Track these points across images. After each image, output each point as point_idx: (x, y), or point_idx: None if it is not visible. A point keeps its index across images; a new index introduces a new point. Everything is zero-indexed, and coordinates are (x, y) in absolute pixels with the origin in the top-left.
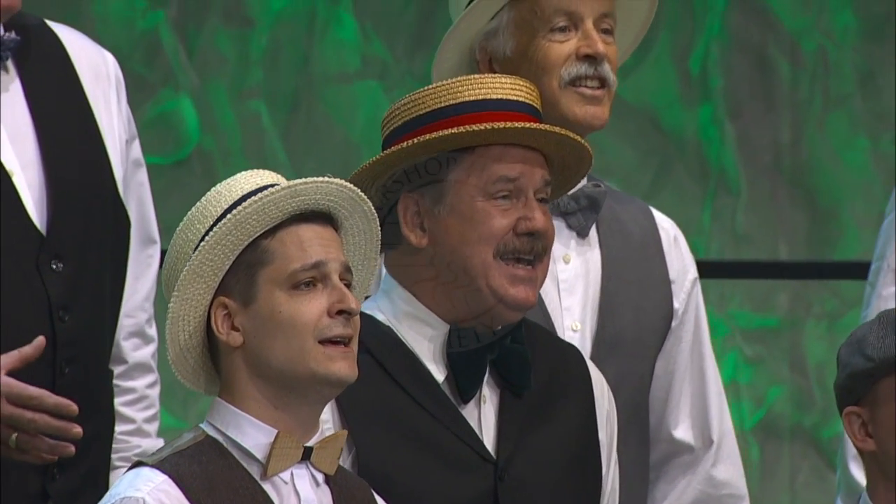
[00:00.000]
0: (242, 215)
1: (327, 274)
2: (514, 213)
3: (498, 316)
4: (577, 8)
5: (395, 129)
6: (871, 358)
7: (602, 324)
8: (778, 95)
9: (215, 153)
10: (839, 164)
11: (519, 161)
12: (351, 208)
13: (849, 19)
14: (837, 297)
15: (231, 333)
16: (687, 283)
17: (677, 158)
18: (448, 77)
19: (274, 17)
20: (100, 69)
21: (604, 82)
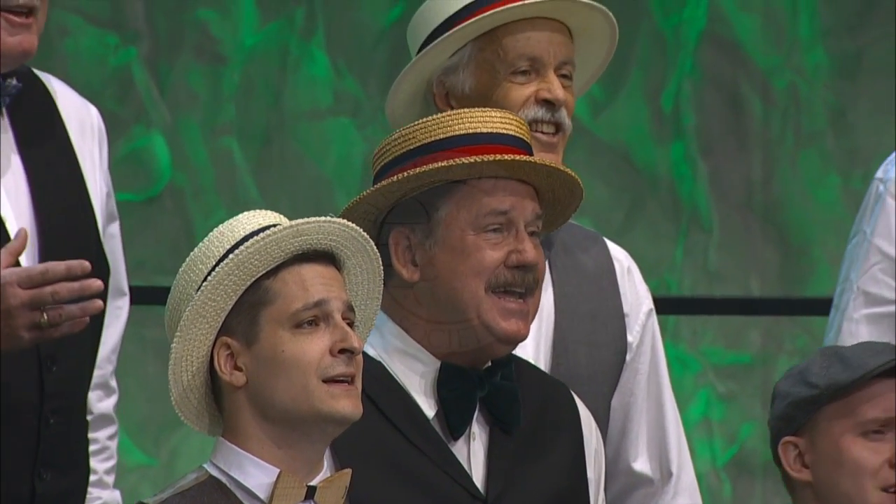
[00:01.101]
0: (244, 255)
1: (329, 313)
2: (505, 246)
3: (489, 350)
4: (540, 54)
5: (386, 164)
6: (815, 385)
7: (556, 361)
8: (750, 133)
9: (187, 190)
10: (811, 201)
11: (510, 194)
12: (353, 248)
13: (820, 57)
14: (809, 333)
15: (234, 373)
16: (641, 315)
17: (650, 195)
18: (401, 111)
19: (246, 53)
20: (85, 122)
21: (559, 127)
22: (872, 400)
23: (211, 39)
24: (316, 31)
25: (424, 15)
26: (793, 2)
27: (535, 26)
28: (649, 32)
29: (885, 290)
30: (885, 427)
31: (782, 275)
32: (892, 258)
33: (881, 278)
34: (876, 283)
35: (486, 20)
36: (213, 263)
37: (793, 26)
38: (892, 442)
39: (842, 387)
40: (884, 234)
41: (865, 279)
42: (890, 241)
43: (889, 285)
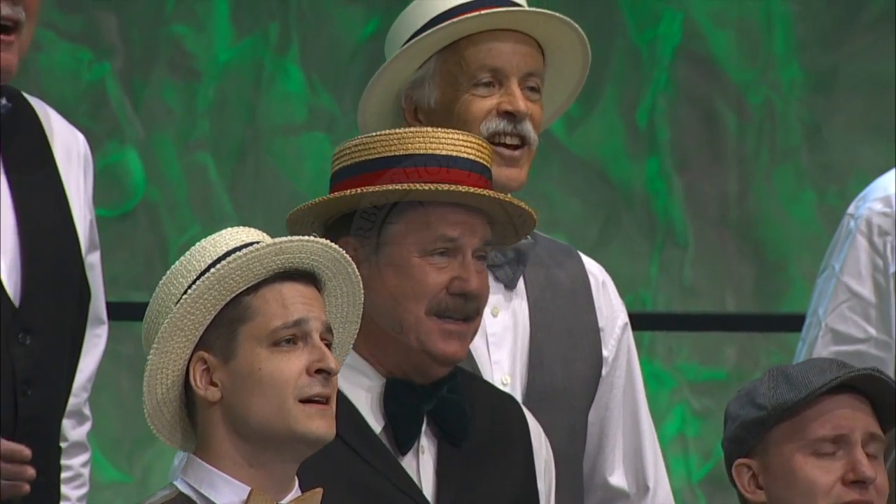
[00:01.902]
0: (226, 270)
1: (308, 332)
2: (450, 271)
3: (427, 370)
4: (502, 65)
5: (342, 169)
6: (762, 406)
7: (532, 376)
8: (725, 148)
9: (161, 205)
10: (786, 217)
11: (462, 221)
12: (335, 269)
13: (795, 72)
14: (784, 350)
15: (209, 388)
16: (617, 329)
17: (625, 211)
18: (373, 123)
19: (220, 68)
20: (72, 149)
21: (524, 140)
22: (820, 418)
23: (185, 54)
24: (290, 46)
25: (397, 29)
26: (767, 17)
27: (497, 38)
28: (624, 48)
29: (852, 328)
30: (836, 444)
31: (757, 291)
32: (861, 297)
33: (849, 316)
34: (844, 322)
35: (445, 32)
36: (193, 277)
37: (768, 42)
38: (843, 459)
39: (788, 407)
40: (853, 273)
41: (833, 317)
42: (859, 280)
43: (857, 324)
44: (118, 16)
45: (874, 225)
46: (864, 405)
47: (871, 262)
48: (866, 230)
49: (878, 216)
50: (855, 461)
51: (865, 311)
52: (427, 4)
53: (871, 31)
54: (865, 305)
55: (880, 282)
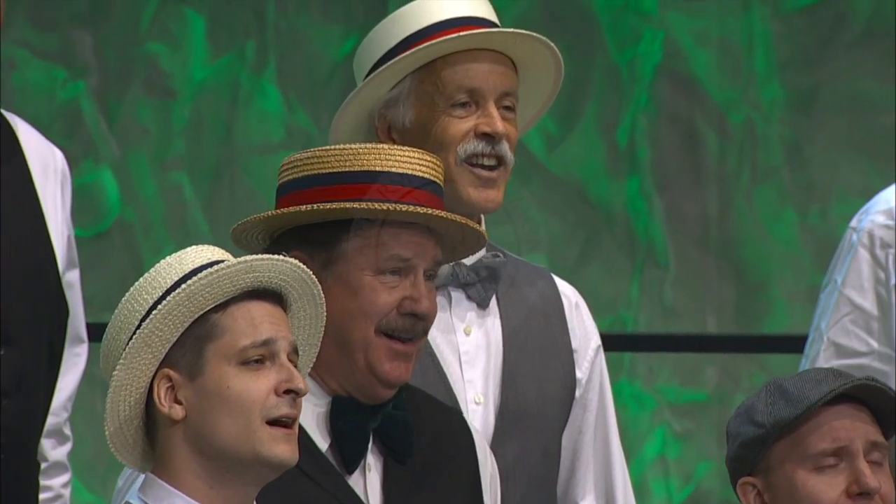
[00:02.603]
0: (196, 286)
1: (276, 352)
2: (401, 291)
3: (371, 391)
4: (479, 85)
5: (291, 181)
6: (761, 424)
7: (505, 396)
8: (706, 168)
9: (136, 225)
10: (767, 237)
11: (414, 241)
12: (301, 290)
13: (776, 92)
14: (766, 371)
15: (173, 406)
16: (590, 351)
17: (605, 231)
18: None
19: (196, 87)
20: (49, 164)
21: (500, 160)
22: (819, 432)
23: (161, 73)
24: (267, 65)
25: (368, 46)
26: (749, 36)
27: (474, 58)
28: (604, 67)
29: (855, 342)
30: (837, 457)
31: (739, 311)
32: (864, 309)
33: (851, 329)
34: (846, 335)
35: (423, 53)
36: (160, 294)
37: (749, 61)
38: (846, 472)
39: (787, 423)
40: (855, 285)
41: (836, 330)
42: (861, 292)
43: (859, 337)
44: (93, 34)
45: (876, 237)
46: (863, 414)
47: (874, 274)
48: (868, 243)
49: (880, 228)
50: (858, 473)
51: (868, 324)
52: (399, 23)
53: (852, 51)
54: (868, 318)
55: (882, 294)
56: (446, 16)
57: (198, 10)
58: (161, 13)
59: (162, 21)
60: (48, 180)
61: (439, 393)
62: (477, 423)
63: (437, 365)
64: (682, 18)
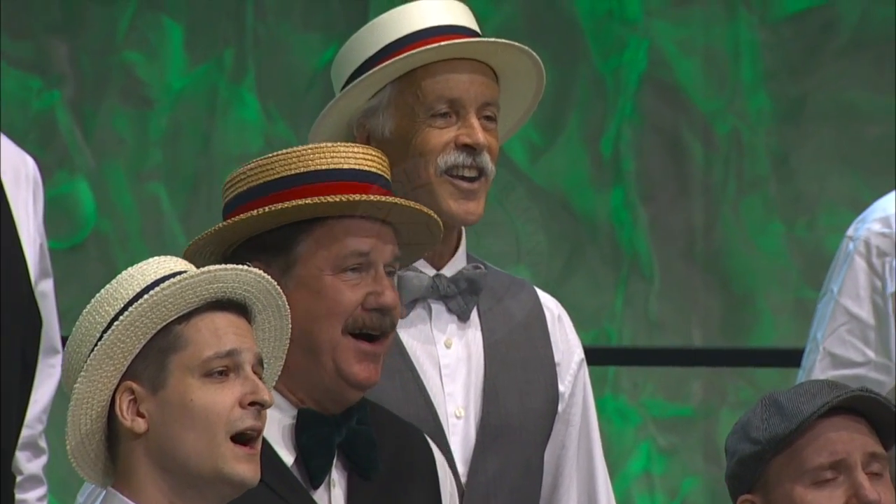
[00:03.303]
0: (159, 297)
1: (241, 364)
2: (364, 287)
3: (340, 395)
4: (459, 95)
5: (239, 195)
6: (757, 441)
7: (486, 409)
8: (691, 179)
9: (112, 237)
10: (754, 248)
11: (371, 235)
12: (266, 301)
13: (763, 101)
14: (753, 385)
15: (136, 420)
16: (573, 365)
17: (589, 243)
18: None
19: (174, 96)
20: (20, 171)
21: (481, 172)
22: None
23: (137, 82)
24: (246, 73)
25: (346, 55)
26: (735, 45)
27: (454, 68)
28: (588, 76)
29: (851, 352)
30: (835, 470)
31: (725, 324)
32: (860, 319)
33: (848, 339)
34: (842, 345)
35: (402, 62)
36: (122, 305)
37: (735, 70)
38: (844, 485)
39: (782, 439)
40: (851, 294)
41: (832, 340)
42: (857, 302)
43: (856, 347)
44: (68, 43)
45: (872, 246)
46: (860, 425)
47: (870, 283)
48: (865, 251)
49: (876, 237)
50: (857, 485)
51: (864, 334)
52: (378, 32)
53: (840, 60)
54: (864, 328)
55: (879, 303)
56: (426, 24)
57: (175, 18)
58: (138, 21)
59: (139, 29)
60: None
61: (419, 406)
62: (457, 437)
63: (416, 378)
64: (667, 27)
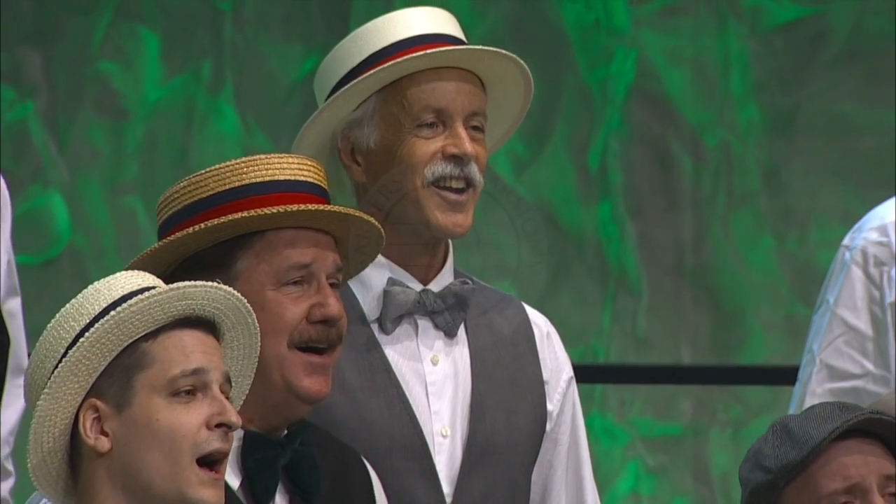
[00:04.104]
0: (126, 314)
1: (208, 383)
2: (307, 300)
3: (290, 409)
4: (446, 105)
5: (174, 214)
6: (769, 469)
7: (473, 428)
8: (680, 192)
9: (87, 252)
10: (744, 264)
11: (311, 245)
12: (235, 318)
13: (753, 113)
14: (743, 403)
15: (99, 438)
16: (562, 383)
17: (575, 258)
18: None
19: (150, 108)
20: None
21: (469, 183)
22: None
23: (112, 93)
24: (224, 84)
25: (330, 65)
26: (724, 56)
27: (440, 76)
28: (574, 87)
29: (848, 363)
30: (850, 494)
31: (714, 341)
32: (858, 330)
33: (845, 351)
34: (840, 357)
35: (387, 71)
36: (87, 321)
37: (724, 81)
38: None
39: (794, 466)
40: (848, 305)
41: (829, 352)
42: (855, 312)
43: (853, 359)
44: (42, 53)
45: (870, 255)
46: (873, 447)
47: (868, 293)
48: (862, 261)
49: (873, 246)
50: None
51: (862, 345)
52: (362, 41)
53: (831, 71)
54: (862, 339)
55: (877, 314)
56: (412, 33)
57: (151, 28)
58: (113, 31)
59: (114, 39)
60: None
61: (405, 425)
62: (443, 457)
63: (402, 396)
64: (656, 37)
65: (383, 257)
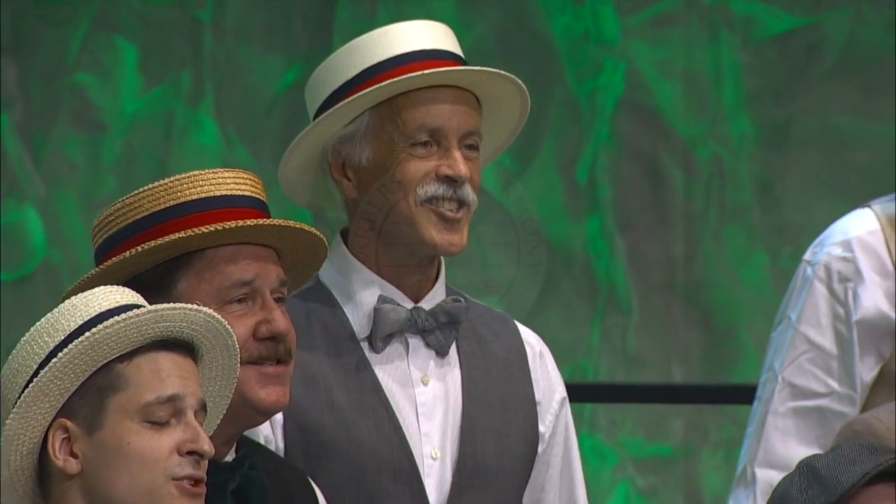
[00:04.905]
0: (102, 335)
1: (182, 409)
2: (252, 317)
3: (245, 421)
4: (441, 125)
5: (110, 237)
6: None
7: (464, 451)
8: (671, 207)
9: (63, 269)
10: (736, 280)
11: (253, 261)
12: (214, 340)
13: (746, 126)
14: (735, 423)
15: (68, 460)
16: (554, 404)
17: (564, 274)
18: (295, 177)
19: (128, 120)
20: None
21: (462, 204)
22: None
23: (90, 106)
24: (204, 96)
25: (323, 75)
26: (716, 67)
27: (436, 96)
28: (563, 99)
29: (812, 382)
30: None
31: (706, 360)
32: (822, 348)
33: (808, 369)
34: (803, 375)
35: (383, 90)
36: (62, 337)
37: (716, 93)
38: None
39: None
40: (811, 322)
41: (791, 370)
42: (818, 329)
43: (817, 377)
44: (17, 64)
45: (833, 271)
46: None
47: (832, 310)
48: (825, 277)
49: (837, 261)
50: None
51: (826, 364)
52: (358, 54)
53: (825, 83)
54: (826, 357)
55: (842, 332)
56: (409, 48)
57: (129, 39)
58: (90, 42)
59: (91, 50)
60: None
61: (394, 446)
62: (433, 479)
63: (392, 417)
64: (646, 48)
65: (373, 274)
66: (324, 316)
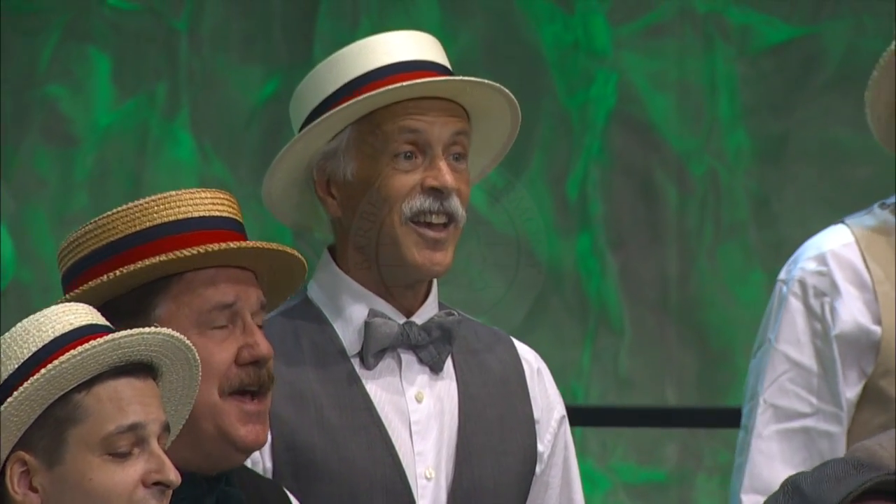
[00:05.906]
0: (58, 370)
1: (145, 438)
2: (234, 342)
3: (224, 458)
4: (422, 130)
5: (80, 260)
6: None
7: (459, 471)
8: (664, 224)
9: (34, 288)
10: (732, 300)
11: (233, 283)
12: (174, 357)
13: (742, 140)
14: (731, 448)
15: (28, 494)
16: (553, 422)
17: (553, 293)
18: (279, 193)
19: (101, 134)
20: None
21: (451, 217)
22: None
23: (61, 118)
24: (180, 109)
25: (305, 92)
26: (711, 79)
27: (419, 106)
28: (552, 112)
29: (795, 401)
30: None
31: (701, 382)
32: (802, 366)
33: (790, 388)
34: (785, 395)
35: (362, 104)
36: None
37: (711, 106)
38: None
39: None
40: (790, 340)
41: (773, 391)
42: (797, 347)
43: (800, 396)
44: None
45: (809, 286)
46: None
47: (810, 326)
48: (801, 292)
49: (812, 276)
50: None
51: (808, 382)
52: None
53: (824, 95)
54: (808, 375)
55: (821, 348)
56: (390, 60)
57: (102, 49)
58: (61, 52)
59: (62, 60)
60: None
61: (386, 466)
62: (426, 501)
63: (384, 435)
64: (638, 59)
65: (364, 288)
66: (312, 333)
